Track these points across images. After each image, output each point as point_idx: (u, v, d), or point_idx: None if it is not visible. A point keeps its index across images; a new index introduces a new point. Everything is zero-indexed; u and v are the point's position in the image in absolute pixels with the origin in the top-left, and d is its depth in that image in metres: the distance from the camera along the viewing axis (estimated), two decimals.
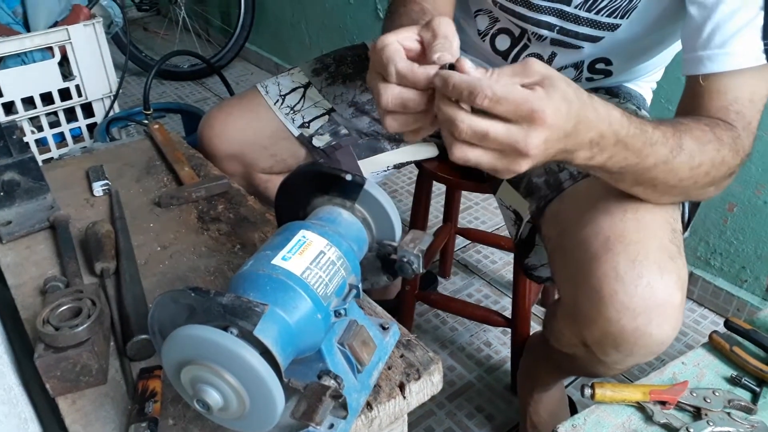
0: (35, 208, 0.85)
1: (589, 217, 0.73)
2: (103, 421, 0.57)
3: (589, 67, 0.87)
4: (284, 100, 1.04)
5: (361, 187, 0.60)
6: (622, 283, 0.66)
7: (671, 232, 0.71)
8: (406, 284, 1.27)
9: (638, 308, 0.66)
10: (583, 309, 0.71)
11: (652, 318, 0.66)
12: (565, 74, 0.75)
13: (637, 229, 0.69)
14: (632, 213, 0.71)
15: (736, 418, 0.74)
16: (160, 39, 3.27)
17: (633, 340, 0.68)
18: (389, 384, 0.61)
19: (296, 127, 1.02)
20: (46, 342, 0.58)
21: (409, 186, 2.01)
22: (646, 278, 0.66)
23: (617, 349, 0.70)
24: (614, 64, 0.86)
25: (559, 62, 0.88)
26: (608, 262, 0.68)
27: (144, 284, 0.72)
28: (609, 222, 0.70)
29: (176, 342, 0.46)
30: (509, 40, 0.89)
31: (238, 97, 1.07)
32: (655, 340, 0.68)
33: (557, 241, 0.80)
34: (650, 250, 0.68)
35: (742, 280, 1.43)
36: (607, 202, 0.72)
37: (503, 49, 0.90)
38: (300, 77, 1.07)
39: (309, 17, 2.55)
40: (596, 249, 0.69)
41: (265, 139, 1.02)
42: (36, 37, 1.53)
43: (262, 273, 0.51)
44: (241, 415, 0.47)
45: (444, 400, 1.28)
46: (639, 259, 0.67)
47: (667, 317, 0.67)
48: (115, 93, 1.70)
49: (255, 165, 1.03)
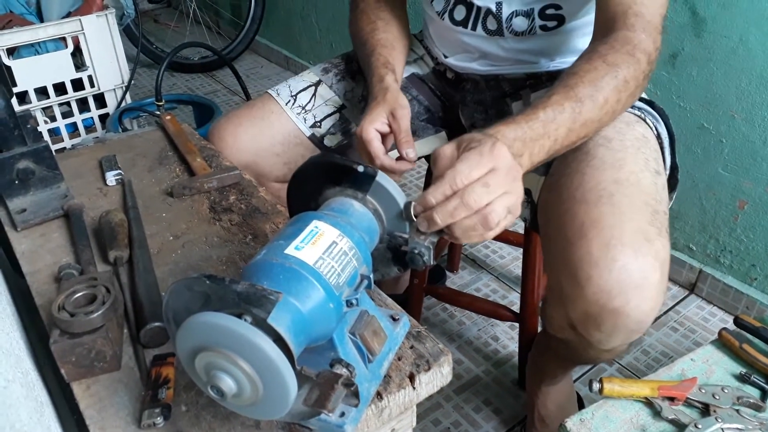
0: (49, 196, 0.86)
1: (567, 206, 0.76)
2: (116, 407, 0.58)
3: (540, 14, 0.89)
4: (296, 99, 1.04)
5: (373, 178, 0.60)
6: (596, 267, 0.69)
7: (651, 214, 0.73)
8: (415, 277, 1.28)
9: (614, 290, 0.69)
10: (566, 291, 0.74)
11: (629, 299, 0.69)
12: (517, 23, 0.90)
13: (612, 214, 0.71)
14: (607, 198, 0.73)
15: (745, 415, 0.74)
16: (171, 31, 3.28)
17: (613, 320, 0.70)
18: (399, 374, 0.61)
19: (308, 127, 1.02)
20: (62, 328, 0.59)
21: (419, 180, 2.01)
22: (620, 261, 0.69)
23: (599, 329, 0.73)
24: (564, 9, 0.87)
25: (507, 11, 0.89)
26: (583, 247, 0.71)
27: (156, 273, 0.73)
28: (584, 209, 0.73)
29: (191, 329, 0.47)
30: (464, 9, 0.94)
31: (248, 106, 1.05)
32: (634, 319, 0.70)
33: (544, 229, 0.83)
34: (624, 233, 0.70)
35: (752, 278, 1.42)
36: (584, 190, 0.75)
37: (461, 19, 0.95)
38: (310, 77, 1.08)
39: (319, 10, 2.55)
40: (572, 235, 0.72)
41: (278, 145, 1.01)
42: (49, 27, 1.54)
43: (276, 262, 0.51)
44: (254, 402, 0.47)
45: (451, 393, 1.29)
46: (612, 243, 0.69)
47: (645, 297, 0.69)
48: (127, 84, 1.71)
49: (268, 174, 1.02)
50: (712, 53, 1.31)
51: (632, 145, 0.79)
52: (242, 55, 2.91)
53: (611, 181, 0.75)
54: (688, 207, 1.49)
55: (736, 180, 1.36)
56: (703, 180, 1.43)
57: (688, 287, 1.55)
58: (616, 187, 0.74)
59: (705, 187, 1.43)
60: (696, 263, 1.52)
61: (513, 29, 0.91)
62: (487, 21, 0.92)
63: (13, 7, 1.63)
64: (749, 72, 1.26)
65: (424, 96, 1.08)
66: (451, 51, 1.01)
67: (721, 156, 1.37)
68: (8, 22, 1.57)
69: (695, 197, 1.45)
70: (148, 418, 0.55)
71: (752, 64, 1.25)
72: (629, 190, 0.74)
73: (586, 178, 0.76)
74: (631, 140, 0.80)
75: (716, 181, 1.40)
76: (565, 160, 0.81)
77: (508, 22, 0.90)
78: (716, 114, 1.35)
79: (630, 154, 0.78)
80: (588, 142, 0.79)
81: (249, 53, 2.98)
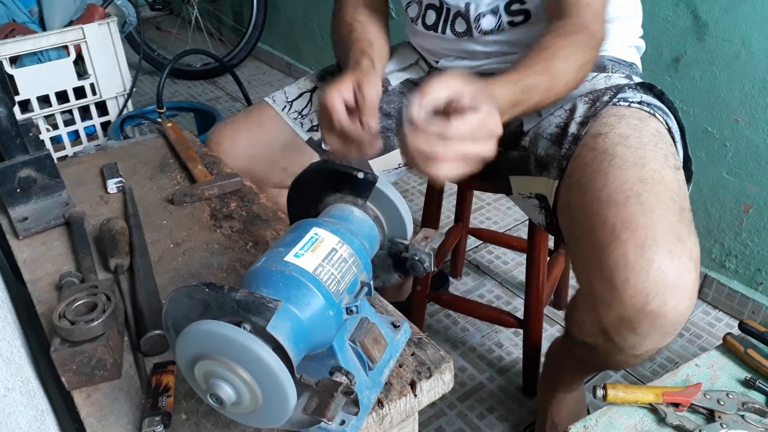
0: (51, 204, 0.86)
1: (595, 207, 0.74)
2: (117, 415, 0.58)
3: (505, 9, 0.90)
4: (292, 105, 1.04)
5: (373, 184, 0.60)
6: (633, 270, 0.68)
7: (679, 212, 0.72)
8: (418, 284, 1.27)
9: (651, 292, 0.67)
10: (600, 295, 0.72)
11: (666, 300, 0.67)
12: (485, 23, 0.92)
13: (643, 213, 0.70)
14: (635, 198, 0.72)
15: (750, 420, 0.74)
16: (173, 38, 3.29)
17: (649, 322, 0.69)
18: (400, 382, 0.61)
19: (305, 131, 1.02)
20: (62, 336, 0.59)
21: (421, 186, 2.01)
22: (656, 263, 0.67)
23: (634, 332, 0.71)
24: (527, 3, 0.88)
25: (474, 11, 0.91)
26: (617, 250, 0.69)
27: (157, 280, 0.73)
28: (614, 209, 0.72)
29: (190, 337, 0.46)
30: (434, 14, 0.97)
31: (245, 113, 1.06)
32: (671, 320, 0.69)
33: (570, 230, 0.82)
34: (658, 233, 0.68)
35: (758, 282, 1.41)
36: (610, 191, 0.74)
37: (432, 23, 0.98)
38: (306, 84, 1.08)
39: (321, 16, 2.55)
40: (604, 238, 0.71)
41: (275, 152, 1.01)
42: (52, 35, 1.55)
43: (275, 269, 0.51)
44: (253, 410, 0.47)
45: (455, 401, 1.28)
46: (648, 244, 0.68)
47: (681, 297, 0.68)
48: (128, 91, 1.71)
49: (266, 180, 1.02)
50: (714, 57, 1.30)
51: (650, 141, 0.79)
52: (244, 62, 2.91)
53: (637, 180, 0.73)
54: (693, 211, 1.47)
55: (740, 184, 1.36)
56: (708, 184, 1.42)
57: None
58: (642, 186, 0.73)
59: (709, 191, 1.43)
60: (701, 268, 1.51)
61: (481, 28, 0.92)
62: (455, 23, 0.94)
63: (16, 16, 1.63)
64: (752, 76, 1.25)
65: None
66: (437, 56, 1.03)
67: (725, 160, 1.37)
68: (11, 30, 1.57)
69: (700, 202, 1.45)
70: (149, 426, 0.55)
71: (755, 68, 1.24)
72: (656, 188, 0.73)
73: (610, 178, 0.75)
74: (648, 136, 0.80)
75: (721, 186, 1.40)
76: (583, 161, 0.81)
77: (477, 22, 0.92)
78: (720, 118, 1.34)
79: (649, 151, 0.77)
80: (605, 141, 0.80)
81: (251, 60, 2.99)
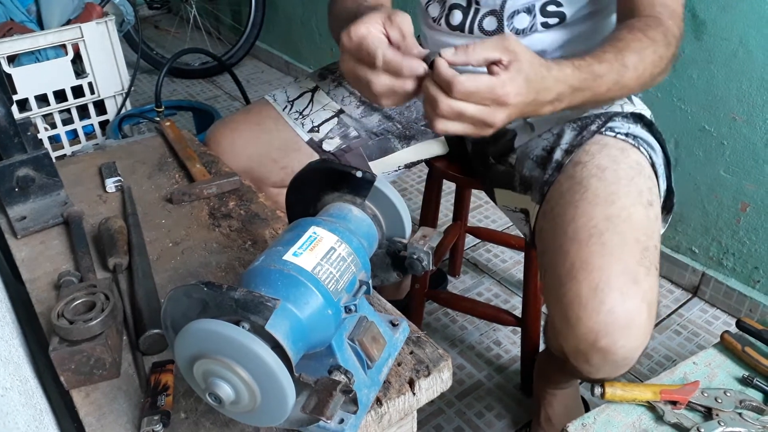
0: (49, 203, 0.86)
1: (560, 241, 0.76)
2: (116, 414, 0.58)
3: (541, 11, 0.88)
4: (293, 105, 1.03)
5: (372, 183, 0.60)
6: (585, 309, 0.70)
7: (641, 252, 0.73)
8: (416, 282, 1.27)
9: (602, 331, 0.70)
10: (558, 326, 0.75)
11: (616, 339, 0.70)
12: (518, 21, 0.89)
13: (602, 254, 0.72)
14: (597, 238, 0.73)
15: (748, 418, 0.74)
16: (171, 37, 3.29)
17: (601, 356, 0.72)
18: (399, 380, 0.61)
19: (306, 132, 1.01)
20: (61, 335, 0.59)
21: (419, 185, 2.01)
22: (607, 305, 0.70)
23: (588, 363, 0.75)
24: (564, 6, 0.87)
25: (509, 8, 0.89)
26: (573, 289, 0.72)
27: (156, 279, 0.73)
28: (576, 248, 0.74)
29: (189, 336, 0.46)
30: (461, 13, 0.93)
31: (245, 111, 1.05)
32: (621, 357, 0.72)
33: (540, 259, 0.84)
34: (612, 275, 0.71)
35: (755, 280, 1.41)
36: (576, 226, 0.76)
37: (458, 23, 0.94)
38: (307, 83, 1.07)
39: (319, 15, 2.55)
40: (563, 275, 0.73)
41: (275, 151, 1.01)
42: (49, 34, 1.54)
43: (274, 268, 0.51)
44: (252, 409, 0.47)
45: (453, 399, 1.28)
46: (600, 287, 0.70)
47: (631, 337, 0.71)
48: (127, 90, 1.71)
49: (266, 179, 1.01)
50: (712, 56, 1.31)
51: (626, 175, 0.79)
52: (243, 61, 2.91)
53: (602, 217, 0.75)
54: (691, 210, 1.48)
55: (737, 182, 1.36)
56: (705, 182, 1.42)
57: (691, 290, 1.54)
58: (606, 225, 0.74)
59: (707, 189, 1.43)
60: (699, 266, 1.52)
61: (514, 27, 0.90)
62: (484, 22, 0.91)
63: (14, 15, 1.63)
64: (750, 74, 1.25)
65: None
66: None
67: (722, 158, 1.37)
68: (8, 29, 1.57)
69: (697, 200, 1.45)
70: (148, 425, 0.55)
71: (752, 67, 1.24)
72: (620, 227, 0.74)
73: (578, 213, 0.76)
74: (625, 169, 0.80)
75: (718, 184, 1.40)
76: (560, 189, 0.81)
77: (510, 20, 0.89)
78: (717, 116, 1.34)
79: (623, 186, 0.78)
80: (582, 171, 0.80)
81: (249, 59, 2.98)
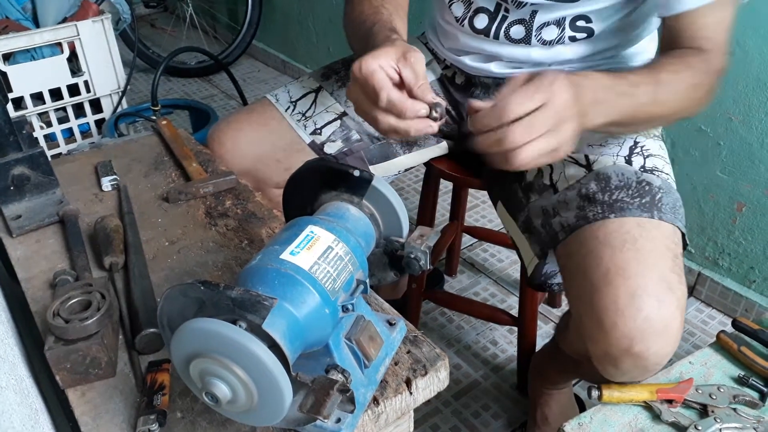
0: (45, 202, 0.86)
1: (591, 246, 0.76)
2: (112, 413, 0.58)
3: (570, 24, 0.88)
4: (295, 106, 1.02)
5: (369, 183, 0.60)
6: (621, 316, 0.70)
7: (672, 260, 0.73)
8: (413, 282, 1.27)
9: (637, 337, 0.70)
10: (588, 330, 0.74)
11: (650, 345, 0.70)
12: (547, 32, 0.87)
13: (637, 261, 0.71)
14: (631, 244, 0.73)
15: (742, 413, 0.74)
16: (167, 36, 3.28)
17: (632, 361, 0.72)
18: (396, 379, 0.61)
19: (308, 134, 1.01)
20: (56, 334, 0.59)
21: (416, 184, 2.01)
22: (644, 311, 0.69)
23: (616, 367, 0.74)
24: (593, 21, 0.87)
25: (540, 20, 0.88)
26: (608, 295, 0.71)
27: (152, 279, 0.72)
28: (609, 253, 0.73)
29: (185, 335, 0.46)
30: (487, 18, 0.91)
31: (248, 110, 1.04)
32: (653, 362, 0.72)
33: (564, 260, 0.82)
34: (649, 282, 0.70)
35: (751, 280, 1.42)
36: (608, 232, 0.75)
37: (483, 27, 0.92)
38: (310, 83, 1.06)
39: (316, 14, 2.55)
40: (597, 280, 0.72)
41: (279, 152, 0.99)
42: (45, 32, 1.54)
43: (271, 267, 0.51)
44: (249, 408, 0.47)
45: (450, 398, 1.28)
46: (638, 293, 0.70)
47: (664, 343, 0.71)
48: (123, 89, 1.71)
49: (269, 180, 1.00)
50: None
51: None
52: (239, 60, 2.91)
53: (634, 223, 0.74)
54: (687, 210, 1.47)
55: (734, 182, 1.36)
56: (702, 183, 1.43)
57: (687, 290, 1.55)
58: (639, 231, 0.74)
59: (703, 189, 1.43)
60: (695, 266, 1.52)
61: (542, 38, 0.88)
62: (511, 30, 0.89)
63: (9, 13, 1.62)
64: (746, 75, 1.26)
65: None
66: (464, 51, 0.98)
67: (719, 159, 1.37)
68: (4, 27, 1.56)
69: (694, 200, 1.45)
70: (144, 425, 0.55)
71: (749, 68, 1.25)
72: (652, 233, 0.74)
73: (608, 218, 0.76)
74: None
75: (714, 184, 1.40)
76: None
77: (538, 31, 0.88)
78: (714, 117, 1.35)
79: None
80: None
81: (246, 57, 2.98)
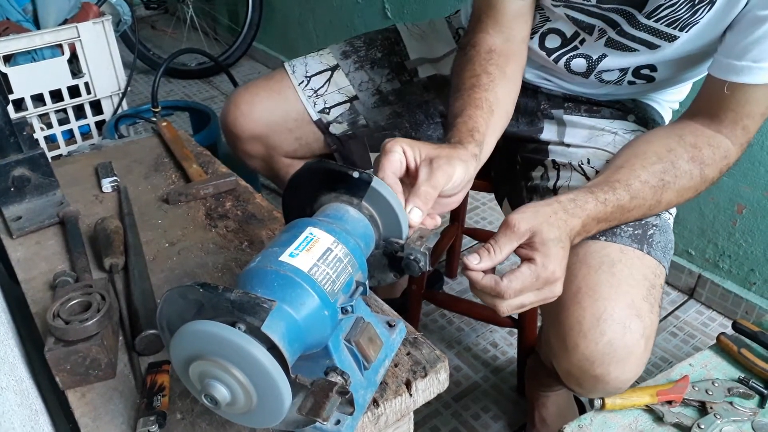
0: (45, 203, 0.86)
1: (569, 262, 0.73)
2: (111, 415, 0.58)
3: (634, 72, 0.84)
4: (309, 81, 1.03)
5: (369, 184, 0.60)
6: (584, 338, 0.69)
7: (647, 289, 0.72)
8: (413, 283, 1.27)
9: (597, 360, 0.69)
10: (553, 346, 0.74)
11: (610, 370, 0.69)
12: (608, 75, 0.83)
13: (610, 284, 0.70)
14: (608, 267, 0.72)
15: (739, 406, 0.76)
16: (168, 37, 3.29)
17: (592, 383, 0.72)
18: (396, 381, 0.61)
19: (316, 112, 1.03)
20: (56, 336, 0.59)
21: None
22: (608, 336, 0.68)
23: (580, 386, 0.74)
24: (659, 71, 0.83)
25: (606, 65, 0.84)
26: (574, 315, 0.70)
27: (152, 280, 0.73)
28: (584, 272, 0.72)
29: (184, 337, 0.46)
30: (559, 40, 0.87)
31: (266, 78, 1.06)
32: (613, 386, 0.71)
33: None
34: (616, 307, 0.69)
35: (751, 282, 1.42)
36: (589, 250, 0.74)
37: (552, 47, 0.88)
38: (329, 59, 1.06)
39: (316, 16, 2.55)
40: (567, 298, 0.71)
41: (291, 121, 1.02)
42: (46, 34, 1.54)
43: (270, 269, 0.51)
44: (248, 410, 0.47)
45: (450, 400, 1.28)
46: (604, 318, 0.69)
47: (626, 369, 0.70)
48: (123, 90, 1.71)
49: (279, 148, 1.03)
50: None
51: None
52: (239, 61, 2.91)
53: (617, 249, 0.73)
54: (687, 212, 1.48)
55: (734, 185, 1.36)
56: None
57: (687, 292, 1.55)
58: (620, 257, 0.72)
59: (704, 191, 1.43)
60: (695, 268, 1.52)
61: (601, 77, 0.86)
62: (573, 62, 0.86)
63: (10, 15, 1.63)
64: None
65: (441, 100, 1.03)
66: None
67: None
68: (5, 29, 1.57)
69: (694, 202, 1.45)
70: (143, 426, 0.55)
71: None
72: (633, 261, 0.73)
73: (594, 240, 0.74)
74: None
75: (715, 186, 1.39)
76: None
77: (600, 72, 0.85)
78: None
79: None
80: None
81: (246, 59, 2.98)
